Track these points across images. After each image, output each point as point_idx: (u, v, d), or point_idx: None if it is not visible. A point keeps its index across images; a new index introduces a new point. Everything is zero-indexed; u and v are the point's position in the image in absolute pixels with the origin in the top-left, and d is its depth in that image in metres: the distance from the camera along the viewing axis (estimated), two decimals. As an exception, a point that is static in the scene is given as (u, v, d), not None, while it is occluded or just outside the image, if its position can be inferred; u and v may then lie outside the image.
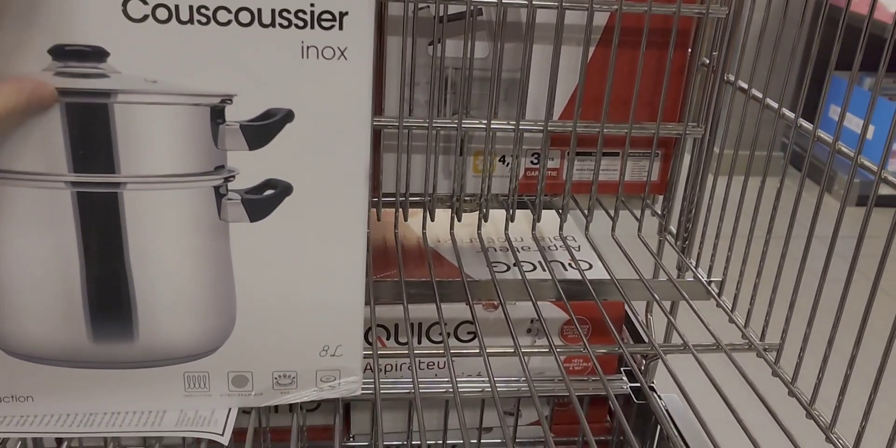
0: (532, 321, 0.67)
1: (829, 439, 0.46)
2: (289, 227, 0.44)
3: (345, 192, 0.44)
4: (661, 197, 0.68)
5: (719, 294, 0.60)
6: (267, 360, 0.47)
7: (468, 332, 0.67)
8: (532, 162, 0.65)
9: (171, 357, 0.46)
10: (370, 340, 0.65)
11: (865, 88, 2.67)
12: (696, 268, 0.63)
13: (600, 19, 0.59)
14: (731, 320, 0.56)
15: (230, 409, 0.48)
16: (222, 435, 0.46)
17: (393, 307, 0.64)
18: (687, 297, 0.58)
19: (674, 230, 0.66)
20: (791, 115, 0.49)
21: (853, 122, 2.50)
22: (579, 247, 0.72)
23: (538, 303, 0.62)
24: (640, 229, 0.66)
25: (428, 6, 0.58)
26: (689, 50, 0.61)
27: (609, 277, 0.62)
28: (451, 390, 0.64)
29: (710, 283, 0.60)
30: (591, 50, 0.60)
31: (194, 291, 0.44)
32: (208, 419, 0.47)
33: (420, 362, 0.67)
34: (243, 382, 0.48)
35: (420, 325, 0.66)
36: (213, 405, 0.48)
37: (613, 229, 0.65)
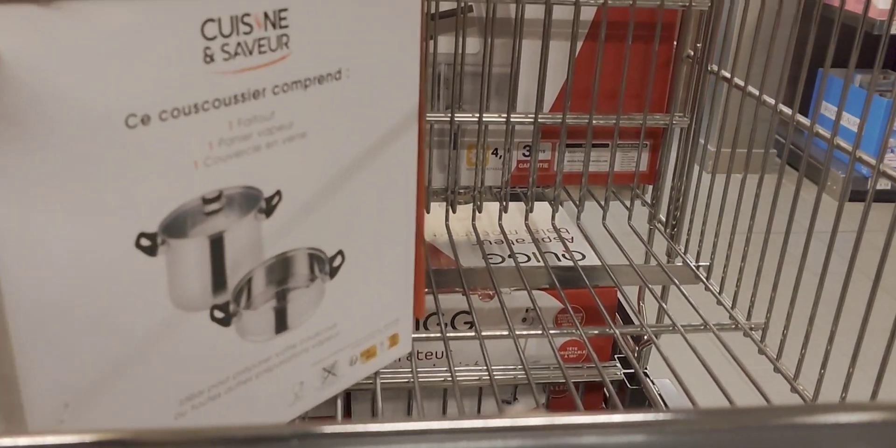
0: (527, 310, 0.68)
1: (813, 413, 0.47)
2: None
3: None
4: (650, 186, 0.69)
5: (707, 278, 0.62)
6: None
7: (464, 323, 0.68)
8: (524, 154, 0.66)
9: None
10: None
11: (857, 85, 2.69)
12: (684, 254, 0.64)
13: (587, 14, 0.61)
14: (719, 302, 0.58)
15: None
16: None
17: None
18: (676, 281, 0.60)
19: (663, 219, 0.68)
20: (772, 101, 0.51)
21: (841, 117, 2.51)
22: (572, 238, 0.74)
23: (533, 292, 0.64)
24: (630, 218, 0.67)
25: (419, 4, 0.59)
26: (675, 42, 0.63)
27: (597, 265, 0.63)
28: (449, 379, 0.66)
29: (698, 267, 0.62)
30: (579, 44, 0.62)
31: None
32: None
33: (418, 353, 0.69)
34: None
35: (417, 315, 0.68)
36: None
37: (604, 218, 0.66)
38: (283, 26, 0.35)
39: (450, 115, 0.61)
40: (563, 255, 0.70)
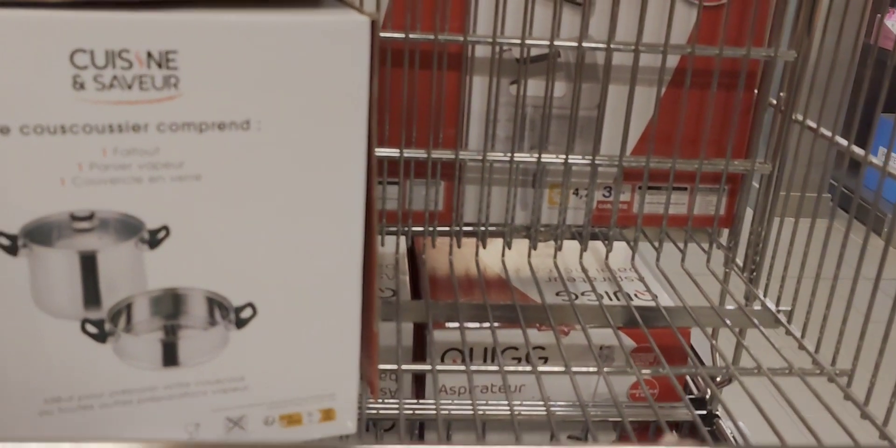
0: (601, 348, 0.69)
1: (902, 461, 0.48)
2: None
3: None
4: (724, 230, 0.71)
5: (788, 322, 0.62)
6: None
7: (539, 358, 0.70)
8: (604, 195, 0.68)
9: None
10: (444, 361, 0.68)
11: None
12: (764, 298, 0.65)
13: (672, 61, 0.63)
14: (801, 347, 0.58)
15: None
16: None
17: (466, 332, 0.67)
18: (758, 324, 0.61)
19: (740, 263, 0.69)
20: (861, 152, 0.52)
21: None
22: (644, 279, 0.75)
23: (607, 330, 0.65)
24: (708, 261, 0.68)
25: (511, 49, 0.62)
26: (756, 91, 0.65)
27: (676, 305, 0.65)
28: (521, 412, 0.67)
29: (778, 311, 0.63)
30: (664, 90, 0.64)
31: None
32: None
33: (484, 387, 0.70)
34: None
35: (490, 349, 0.69)
36: None
37: (683, 260, 0.68)
38: (171, 67, 0.36)
39: (536, 155, 0.63)
40: (637, 295, 0.71)
